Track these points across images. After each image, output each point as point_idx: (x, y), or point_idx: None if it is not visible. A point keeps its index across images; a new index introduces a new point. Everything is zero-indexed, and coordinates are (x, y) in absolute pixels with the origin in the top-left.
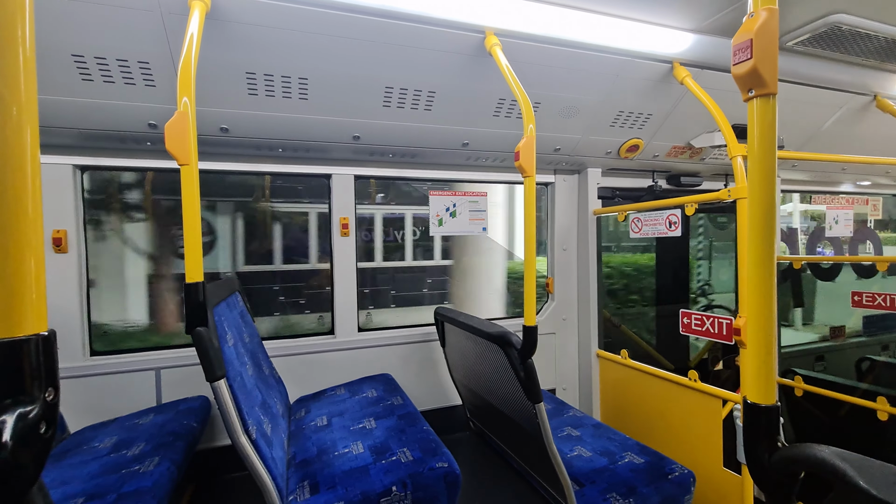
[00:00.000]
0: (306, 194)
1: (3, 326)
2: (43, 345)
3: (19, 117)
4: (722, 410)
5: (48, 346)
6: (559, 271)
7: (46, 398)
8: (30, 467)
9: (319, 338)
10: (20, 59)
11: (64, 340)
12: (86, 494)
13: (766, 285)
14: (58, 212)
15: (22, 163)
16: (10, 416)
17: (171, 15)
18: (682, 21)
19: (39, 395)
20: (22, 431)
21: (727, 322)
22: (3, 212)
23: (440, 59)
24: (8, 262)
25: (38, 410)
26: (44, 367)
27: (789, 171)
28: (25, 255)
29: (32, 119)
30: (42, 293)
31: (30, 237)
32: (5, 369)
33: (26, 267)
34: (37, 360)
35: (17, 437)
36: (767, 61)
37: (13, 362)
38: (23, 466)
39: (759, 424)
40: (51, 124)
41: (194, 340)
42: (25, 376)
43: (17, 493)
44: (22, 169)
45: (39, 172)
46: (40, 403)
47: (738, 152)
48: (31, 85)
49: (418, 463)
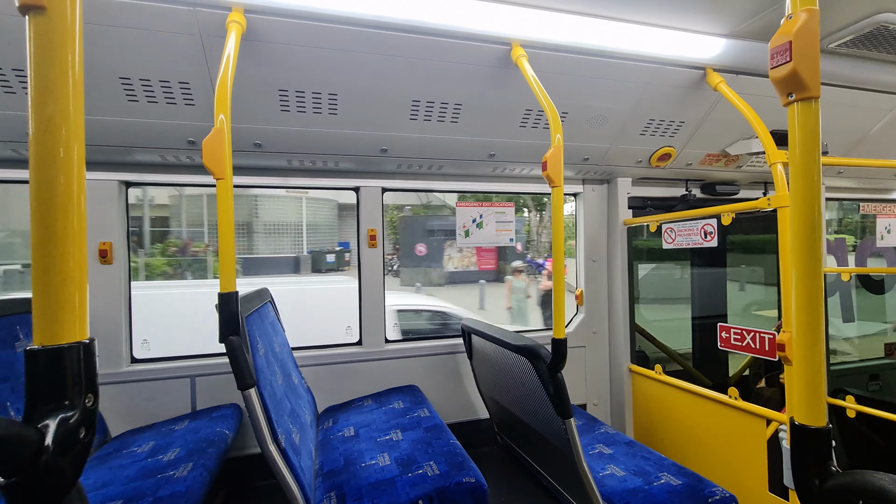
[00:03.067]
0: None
1: (47, 334)
2: (84, 352)
3: (67, 137)
4: (766, 431)
5: (88, 354)
6: (588, 283)
7: (86, 404)
8: (69, 471)
9: (347, 348)
10: (69, 83)
11: (107, 348)
12: (124, 497)
13: (814, 299)
14: (104, 225)
15: (69, 179)
16: (53, 421)
17: (209, 37)
18: (714, 26)
19: (80, 401)
20: (63, 436)
21: (770, 337)
22: (49, 225)
23: (467, 72)
24: (53, 273)
25: (78, 416)
26: (84, 373)
27: (834, 177)
28: (69, 267)
29: (79, 138)
30: (84, 303)
31: (74, 249)
32: (49, 376)
33: (70, 278)
34: (78, 367)
35: (59, 442)
36: (808, 64)
37: (56, 369)
38: (63, 470)
39: (809, 448)
40: (100, 143)
41: (227, 349)
42: (67, 383)
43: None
44: (69, 185)
45: (84, 188)
46: (80, 409)
47: (778, 159)
48: (79, 106)
49: (445, 477)
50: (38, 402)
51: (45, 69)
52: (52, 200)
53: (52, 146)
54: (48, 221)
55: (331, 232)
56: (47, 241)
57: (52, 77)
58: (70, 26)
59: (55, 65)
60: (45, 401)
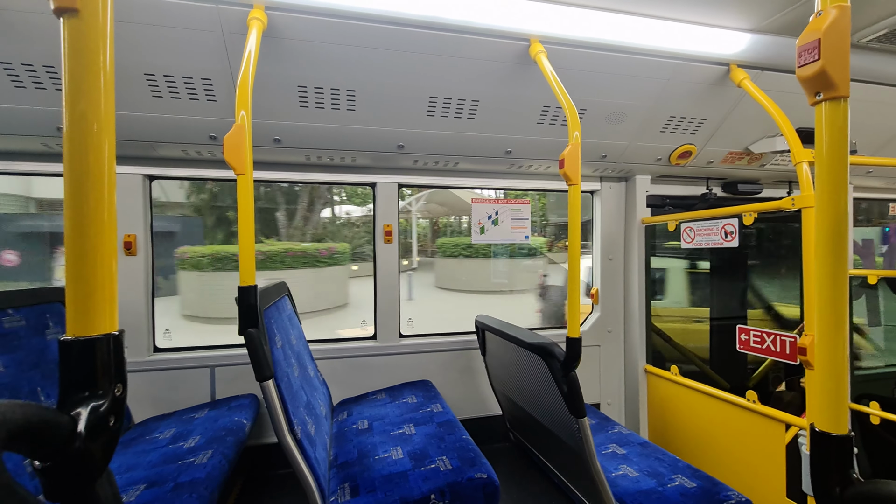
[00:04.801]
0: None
1: (80, 325)
2: (114, 343)
3: (99, 133)
4: (785, 435)
5: (118, 345)
6: (604, 281)
7: (115, 393)
8: (100, 456)
9: (362, 342)
10: (101, 81)
11: (131, 337)
12: (147, 481)
13: (838, 303)
14: (129, 218)
15: (100, 173)
16: (85, 409)
17: (231, 34)
18: (739, 21)
19: (110, 390)
20: (94, 423)
21: (791, 340)
22: (81, 218)
23: (484, 68)
24: (85, 265)
25: (108, 404)
26: (114, 363)
27: (863, 177)
28: (101, 259)
29: (110, 134)
30: (114, 295)
31: (104, 242)
32: (81, 365)
33: (101, 269)
34: (108, 357)
35: (90, 429)
36: (838, 62)
37: (88, 359)
38: (94, 456)
39: (830, 456)
40: (125, 137)
41: (246, 341)
42: (98, 372)
43: (88, 480)
44: (100, 179)
45: (115, 182)
46: (110, 398)
47: (804, 158)
48: (110, 103)
49: (457, 472)
50: (71, 391)
51: (78, 68)
52: (84, 194)
53: (85, 141)
54: (81, 215)
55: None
56: (81, 235)
57: (85, 75)
58: (101, 27)
59: (88, 63)
60: (78, 389)
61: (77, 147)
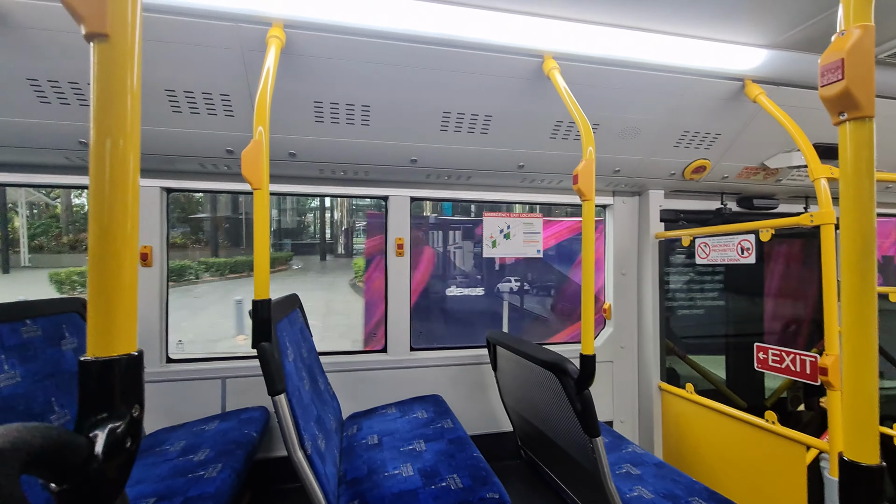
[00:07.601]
0: None
1: (100, 345)
2: (133, 364)
3: (125, 148)
4: (806, 457)
5: (136, 366)
6: (617, 297)
7: (133, 414)
8: (116, 478)
9: (372, 355)
10: (128, 99)
11: (144, 347)
12: (157, 495)
13: (866, 323)
14: (146, 230)
15: (125, 187)
16: (102, 432)
17: (250, 51)
18: (754, 37)
19: (127, 412)
20: (111, 445)
21: (811, 360)
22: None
23: (498, 84)
24: (108, 284)
25: (125, 426)
26: (132, 385)
27: (882, 192)
28: (123, 278)
29: (135, 149)
30: (134, 314)
31: (126, 262)
32: (100, 386)
33: (123, 289)
34: (126, 378)
35: (107, 451)
36: (862, 83)
37: (107, 380)
38: (110, 477)
39: (860, 488)
40: (145, 151)
41: (259, 355)
42: (116, 394)
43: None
44: (124, 193)
45: (138, 198)
46: (128, 419)
47: (822, 174)
48: (136, 120)
49: (468, 491)
50: (89, 412)
51: (106, 89)
52: (111, 209)
53: (111, 157)
54: (106, 231)
55: None
56: (104, 252)
57: (112, 96)
58: (129, 50)
59: (115, 85)
60: (96, 411)
61: (103, 163)
